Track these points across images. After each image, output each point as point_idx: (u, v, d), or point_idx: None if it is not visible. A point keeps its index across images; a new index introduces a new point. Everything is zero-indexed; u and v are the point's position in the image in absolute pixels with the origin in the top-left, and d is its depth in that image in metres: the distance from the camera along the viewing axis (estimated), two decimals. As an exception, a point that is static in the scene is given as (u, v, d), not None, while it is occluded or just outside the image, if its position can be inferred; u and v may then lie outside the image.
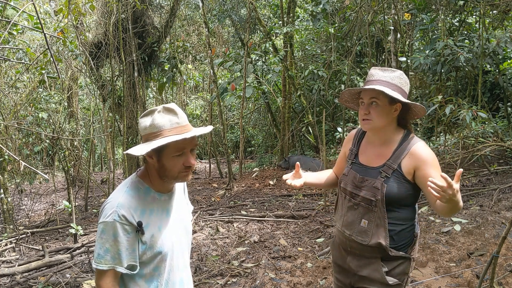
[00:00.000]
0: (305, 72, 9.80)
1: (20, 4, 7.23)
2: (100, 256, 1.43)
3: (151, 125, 1.43)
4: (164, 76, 10.82)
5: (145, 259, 1.49)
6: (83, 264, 4.50)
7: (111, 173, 8.36)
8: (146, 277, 1.51)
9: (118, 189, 1.53)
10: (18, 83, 8.94)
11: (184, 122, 1.45)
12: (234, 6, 11.40)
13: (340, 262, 1.96)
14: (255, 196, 7.82)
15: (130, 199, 1.47)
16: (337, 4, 9.17)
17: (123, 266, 1.44)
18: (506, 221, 4.47)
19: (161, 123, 1.42)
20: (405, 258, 1.79)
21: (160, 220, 1.53)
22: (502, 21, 8.69)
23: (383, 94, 1.72)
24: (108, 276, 1.45)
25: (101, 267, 1.43)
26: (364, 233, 1.79)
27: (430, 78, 8.66)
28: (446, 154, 6.89)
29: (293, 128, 11.32)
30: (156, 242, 1.49)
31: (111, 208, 1.44)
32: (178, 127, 1.43)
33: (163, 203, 1.56)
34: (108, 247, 1.42)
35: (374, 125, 1.78)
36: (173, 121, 1.43)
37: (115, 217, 1.41)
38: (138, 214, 1.45)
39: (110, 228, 1.42)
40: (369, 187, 1.77)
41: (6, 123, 7.20)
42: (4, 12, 5.38)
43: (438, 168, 1.70)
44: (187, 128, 1.45)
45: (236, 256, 4.48)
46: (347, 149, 2.00)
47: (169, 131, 1.41)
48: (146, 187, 1.53)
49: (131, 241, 1.44)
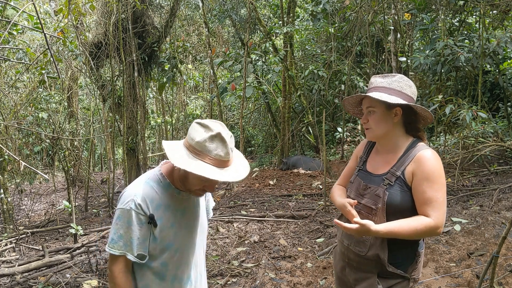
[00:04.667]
0: (305, 72, 9.80)
1: (20, 4, 7.23)
2: (114, 241, 1.48)
3: (198, 143, 1.42)
4: (164, 76, 10.81)
5: (155, 252, 1.53)
6: (83, 264, 4.50)
7: (111, 173, 8.36)
8: (154, 270, 1.56)
9: (139, 179, 1.57)
10: (18, 83, 8.95)
11: (226, 157, 1.44)
12: (234, 6, 11.40)
13: (340, 274, 1.92)
14: (255, 196, 7.81)
15: (148, 191, 1.51)
16: (337, 4, 9.17)
17: (133, 254, 1.49)
18: (506, 221, 4.46)
19: (207, 148, 1.41)
20: (403, 277, 1.69)
21: (174, 217, 1.56)
22: (502, 21, 8.69)
23: (379, 101, 1.66)
24: (120, 261, 1.50)
25: (113, 251, 1.48)
26: (362, 244, 1.72)
27: (430, 78, 8.66)
28: (446, 154, 6.90)
29: (293, 128, 11.31)
30: (167, 237, 1.53)
31: (129, 196, 1.48)
32: (219, 159, 1.42)
33: (181, 201, 1.59)
34: (122, 234, 1.47)
35: (374, 133, 1.73)
36: (218, 153, 1.42)
37: (132, 206, 1.46)
38: (153, 207, 1.50)
39: (126, 215, 1.47)
40: (371, 195, 1.71)
41: (6, 123, 7.20)
42: (4, 12, 5.38)
43: (438, 184, 1.60)
44: (225, 164, 1.44)
45: (236, 256, 4.48)
46: (356, 159, 1.95)
47: (210, 159, 1.41)
48: (167, 182, 1.56)
49: (143, 231, 1.49)
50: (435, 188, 1.59)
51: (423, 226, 1.57)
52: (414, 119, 1.73)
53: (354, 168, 1.94)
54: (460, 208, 5.24)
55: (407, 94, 1.68)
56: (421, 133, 1.76)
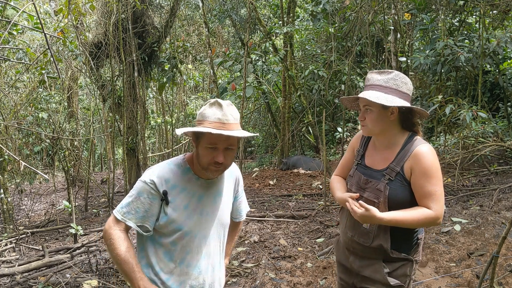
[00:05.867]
0: (305, 72, 9.80)
1: (20, 4, 7.23)
2: (122, 206, 1.59)
3: (199, 114, 1.58)
4: (164, 76, 10.80)
5: (166, 231, 1.59)
6: (83, 264, 4.49)
7: (111, 173, 8.36)
8: (164, 247, 1.61)
9: (163, 162, 1.68)
10: (18, 83, 8.94)
11: (226, 120, 1.53)
12: (234, 6, 11.40)
13: (344, 262, 1.97)
14: (255, 196, 7.81)
15: (167, 171, 1.60)
16: (337, 4, 9.17)
17: (134, 222, 1.55)
18: (506, 221, 4.46)
19: (206, 114, 1.54)
20: (407, 259, 1.79)
21: (189, 201, 1.61)
22: (502, 21, 8.69)
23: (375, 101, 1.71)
24: (119, 224, 1.57)
25: (116, 215, 1.58)
26: (366, 235, 1.79)
27: (430, 78, 8.66)
28: (446, 154, 6.90)
29: (293, 128, 11.31)
30: (178, 218, 1.58)
31: (148, 173, 1.60)
32: (219, 122, 1.51)
33: (198, 187, 1.65)
34: (129, 202, 1.58)
35: (370, 130, 1.80)
36: (216, 116, 1.52)
37: (147, 180, 1.57)
38: (168, 186, 1.57)
39: (139, 187, 1.57)
40: (373, 189, 1.77)
41: (6, 123, 7.20)
42: (4, 12, 5.38)
43: (435, 178, 1.67)
44: (227, 126, 1.52)
45: (236, 256, 4.48)
46: (353, 151, 1.99)
47: (209, 124, 1.51)
48: (187, 167, 1.65)
49: (152, 206, 1.56)
50: (433, 183, 1.67)
51: (424, 217, 1.66)
52: (410, 116, 1.79)
53: (351, 160, 1.99)
54: (460, 208, 5.24)
55: (403, 91, 1.73)
56: (417, 128, 1.82)
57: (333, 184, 2.02)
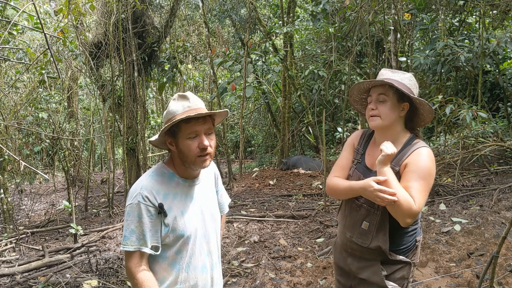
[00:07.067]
0: (305, 72, 9.80)
1: (20, 4, 7.23)
2: (126, 238, 1.49)
3: (167, 112, 1.53)
4: (164, 76, 10.80)
5: (168, 241, 1.54)
6: (83, 264, 4.49)
7: (111, 173, 8.36)
8: (169, 260, 1.57)
9: (144, 174, 1.60)
10: (18, 83, 8.94)
11: (196, 106, 1.51)
12: (234, 6, 11.40)
13: (341, 264, 1.96)
14: (255, 196, 7.81)
15: (154, 183, 1.54)
16: (337, 4, 9.17)
17: (148, 246, 1.50)
18: (506, 221, 4.46)
19: (174, 108, 1.51)
20: (405, 262, 1.78)
21: (183, 205, 1.58)
22: (502, 21, 8.69)
23: (393, 90, 1.71)
24: (135, 257, 1.50)
25: (127, 248, 1.49)
26: (365, 236, 1.78)
27: (430, 78, 8.66)
28: (446, 154, 6.89)
29: (293, 128, 11.31)
30: (179, 225, 1.54)
31: (135, 191, 1.52)
32: (190, 110, 1.49)
33: (187, 188, 1.62)
34: (133, 228, 1.49)
35: (381, 122, 1.75)
36: (185, 105, 1.49)
37: (139, 199, 1.49)
38: (161, 197, 1.52)
39: (134, 210, 1.49)
40: None
41: (6, 123, 7.20)
42: (4, 12, 5.38)
43: (425, 182, 1.65)
44: (199, 110, 1.49)
45: (236, 256, 4.48)
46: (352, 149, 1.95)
47: (181, 115, 1.47)
48: (170, 172, 1.60)
49: (154, 222, 1.50)
50: (421, 184, 1.65)
51: (406, 201, 1.60)
52: (415, 119, 1.80)
53: (350, 159, 1.94)
54: (460, 208, 5.24)
55: (414, 94, 1.75)
56: (417, 131, 1.83)
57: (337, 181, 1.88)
